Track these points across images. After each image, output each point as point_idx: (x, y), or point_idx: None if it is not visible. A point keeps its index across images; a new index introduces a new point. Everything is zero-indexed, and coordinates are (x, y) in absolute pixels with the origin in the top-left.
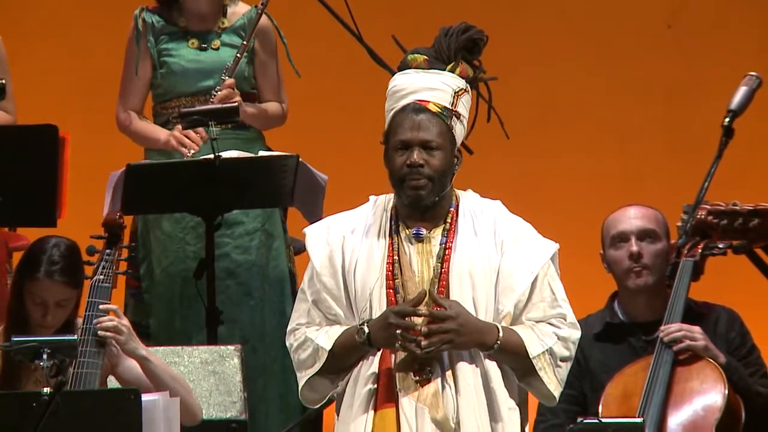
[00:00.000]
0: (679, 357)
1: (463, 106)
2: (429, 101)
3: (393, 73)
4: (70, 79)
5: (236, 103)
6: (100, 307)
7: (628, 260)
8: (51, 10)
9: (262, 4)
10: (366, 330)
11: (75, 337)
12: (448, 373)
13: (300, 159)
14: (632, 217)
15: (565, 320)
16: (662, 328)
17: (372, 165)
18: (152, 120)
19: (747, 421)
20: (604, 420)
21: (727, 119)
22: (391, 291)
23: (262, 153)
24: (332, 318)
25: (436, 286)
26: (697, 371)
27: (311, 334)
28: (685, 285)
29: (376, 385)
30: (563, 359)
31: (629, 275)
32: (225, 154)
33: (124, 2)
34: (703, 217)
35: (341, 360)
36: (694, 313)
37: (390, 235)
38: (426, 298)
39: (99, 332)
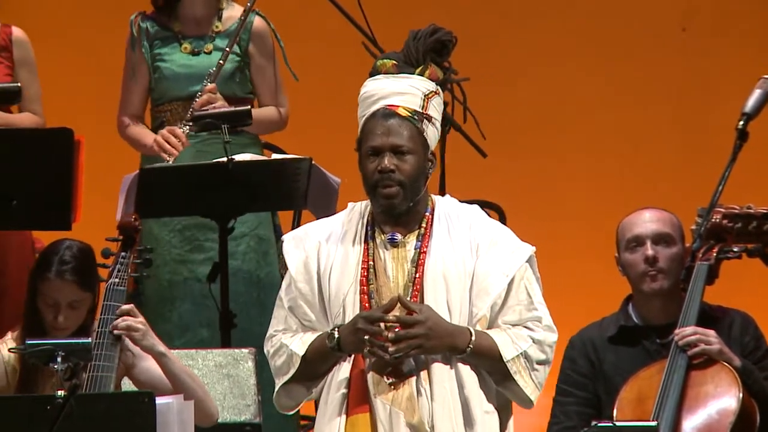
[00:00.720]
0: (694, 361)
1: (435, 109)
2: (398, 106)
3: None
4: (81, 81)
5: (249, 107)
6: (117, 312)
7: (644, 264)
8: (62, 11)
9: (245, 11)
10: (336, 335)
11: (89, 340)
12: (423, 376)
13: (313, 162)
14: (647, 221)
15: (541, 323)
16: (677, 331)
17: None
18: (150, 123)
19: (762, 425)
20: (618, 423)
21: (742, 122)
22: (365, 296)
23: (275, 156)
24: (308, 324)
25: (411, 291)
26: (712, 375)
27: (286, 341)
28: (699, 289)
29: (347, 390)
30: (540, 362)
31: (644, 279)
32: (238, 158)
33: (135, 3)
34: (718, 220)
35: (314, 366)
36: (708, 317)
37: (365, 240)
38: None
39: (114, 331)
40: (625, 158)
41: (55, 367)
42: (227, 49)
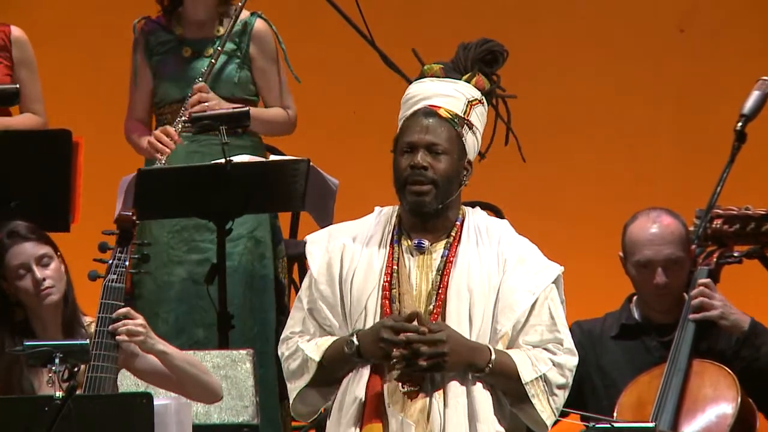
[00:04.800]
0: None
1: (477, 117)
2: (440, 107)
3: (405, 77)
4: (80, 83)
5: (247, 108)
6: (113, 315)
7: (654, 287)
8: (62, 12)
9: (236, 12)
10: (355, 342)
11: (87, 341)
12: (438, 390)
13: (311, 163)
14: (659, 243)
15: (562, 346)
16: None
17: (382, 170)
18: (155, 126)
19: None
20: (616, 425)
21: (740, 124)
22: (387, 302)
23: (273, 157)
24: (327, 329)
25: (434, 300)
26: (710, 378)
27: (302, 345)
28: None
29: (363, 401)
30: (559, 387)
31: (653, 298)
32: (236, 159)
33: (136, 5)
34: (718, 226)
35: (330, 372)
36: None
37: (391, 244)
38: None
39: (116, 337)
40: (623, 159)
41: (53, 368)
42: (219, 48)
